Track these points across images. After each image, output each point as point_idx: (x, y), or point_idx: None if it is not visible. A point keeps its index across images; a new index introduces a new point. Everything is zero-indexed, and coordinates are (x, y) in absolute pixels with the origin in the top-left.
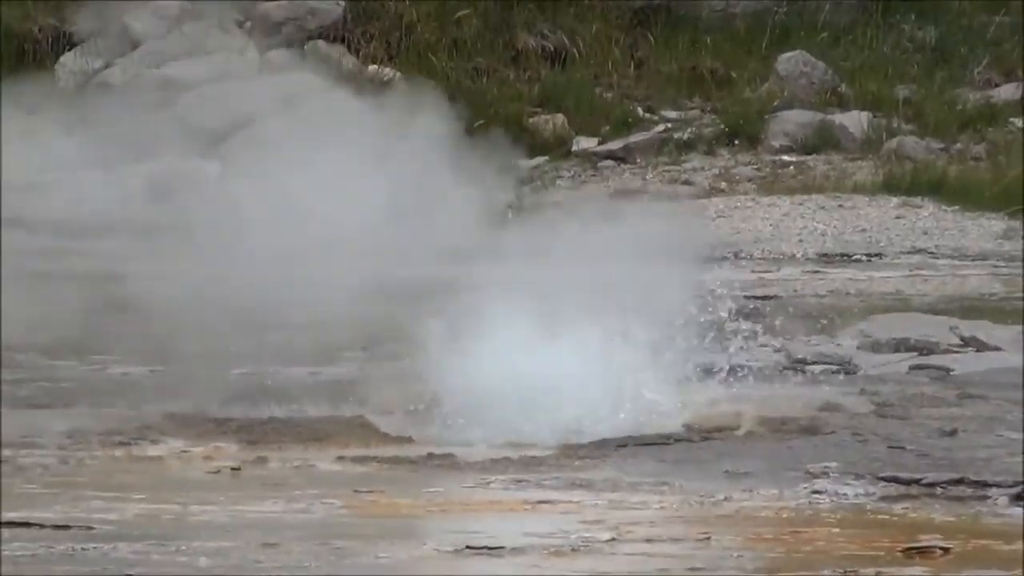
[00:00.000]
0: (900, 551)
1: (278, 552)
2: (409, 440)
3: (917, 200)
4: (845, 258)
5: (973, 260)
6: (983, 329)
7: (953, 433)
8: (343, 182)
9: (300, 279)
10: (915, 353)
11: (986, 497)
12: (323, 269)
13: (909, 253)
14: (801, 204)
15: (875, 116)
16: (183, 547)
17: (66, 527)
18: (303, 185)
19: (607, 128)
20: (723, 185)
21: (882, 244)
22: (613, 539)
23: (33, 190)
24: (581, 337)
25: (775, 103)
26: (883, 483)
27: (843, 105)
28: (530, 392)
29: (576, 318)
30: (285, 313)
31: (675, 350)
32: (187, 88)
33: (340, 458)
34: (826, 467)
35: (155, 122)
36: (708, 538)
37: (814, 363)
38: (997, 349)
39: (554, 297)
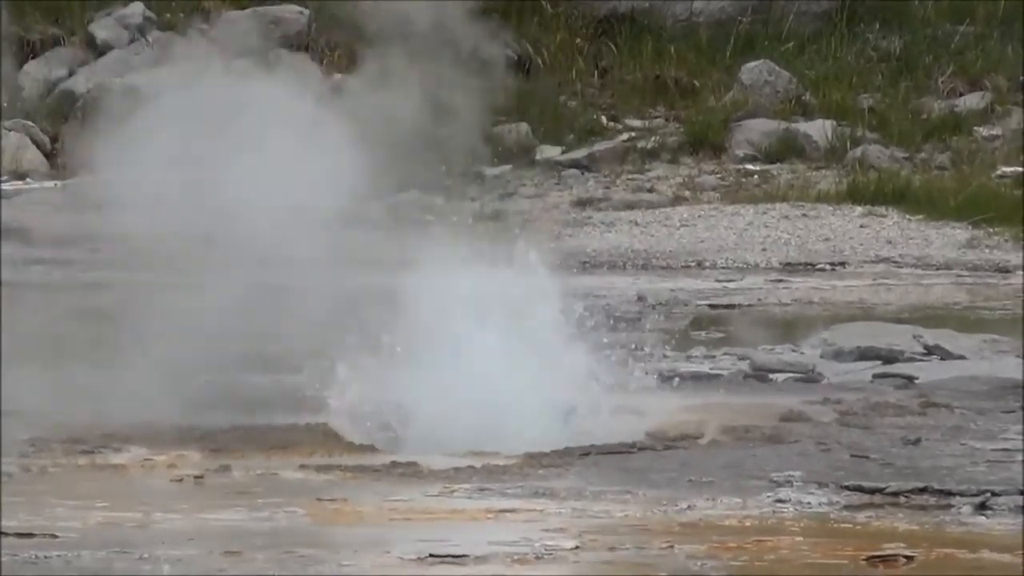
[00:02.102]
0: (864, 560)
1: (241, 560)
2: (372, 449)
3: (881, 209)
4: (809, 267)
5: (937, 269)
6: (947, 338)
7: (917, 442)
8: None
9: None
10: (879, 362)
11: (950, 506)
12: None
13: (873, 262)
14: (765, 213)
15: (839, 125)
16: (146, 555)
17: (29, 535)
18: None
19: (571, 137)
20: (687, 194)
21: (846, 253)
22: (577, 547)
23: None
24: (541, 344)
25: (739, 112)
26: (847, 492)
27: (807, 114)
28: (491, 401)
29: (539, 327)
30: (250, 321)
31: (637, 358)
32: (151, 97)
33: (303, 466)
34: (790, 476)
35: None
36: (671, 547)
37: (777, 372)
38: (961, 358)
39: (513, 306)
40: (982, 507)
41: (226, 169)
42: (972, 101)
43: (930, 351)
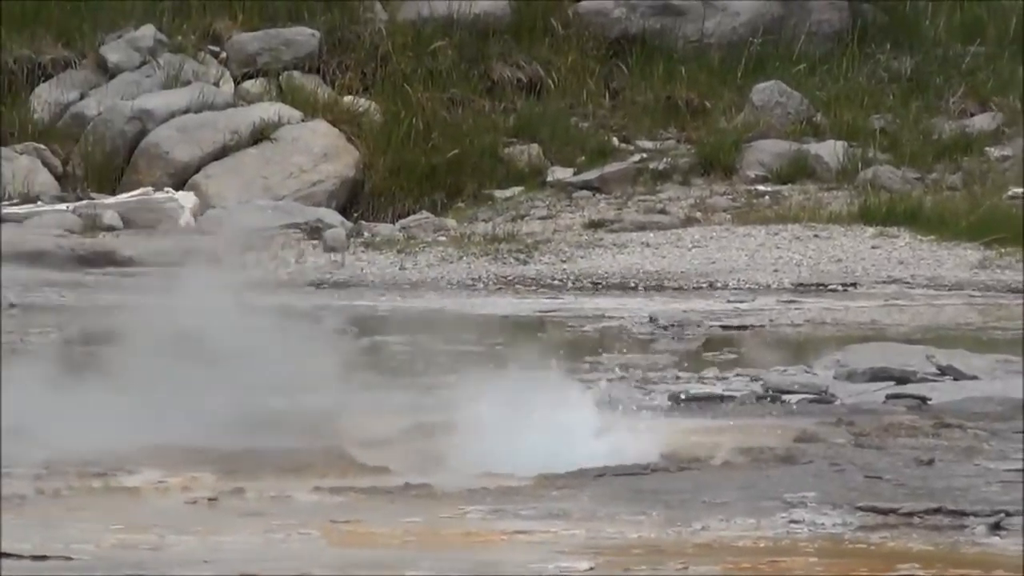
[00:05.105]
0: None
1: None
2: (386, 470)
3: (893, 230)
4: (821, 288)
5: (949, 290)
6: (960, 358)
7: (930, 463)
8: None
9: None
10: (892, 382)
11: (964, 526)
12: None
13: (885, 283)
14: (776, 234)
15: (851, 146)
16: None
17: (43, 557)
18: None
19: (582, 158)
20: (698, 215)
21: (858, 274)
22: (591, 569)
23: (8, 222)
24: (556, 366)
25: (750, 133)
26: (861, 512)
27: (819, 135)
28: (505, 422)
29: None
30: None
31: (650, 379)
32: (162, 119)
33: (317, 488)
34: (803, 497)
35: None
36: (686, 568)
37: (790, 393)
38: (974, 378)
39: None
40: (996, 527)
41: None
42: (983, 122)
43: (943, 372)
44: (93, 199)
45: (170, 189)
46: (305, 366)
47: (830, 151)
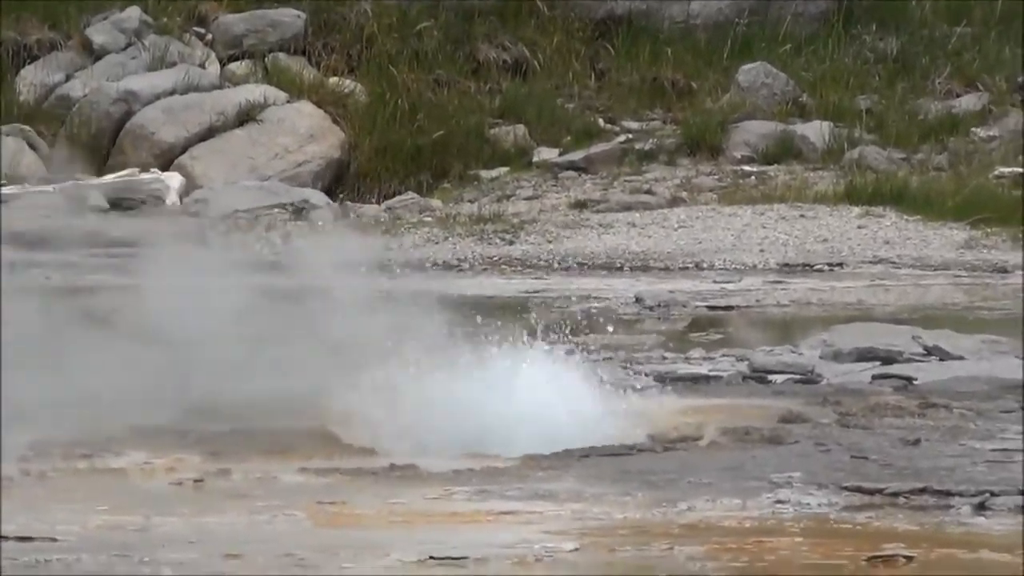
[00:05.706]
0: (864, 560)
1: (241, 563)
2: (371, 451)
3: (879, 210)
4: (807, 268)
5: (935, 270)
6: (946, 338)
7: (916, 443)
8: None
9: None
10: (878, 363)
11: (949, 506)
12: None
13: (871, 263)
14: (762, 214)
15: (836, 126)
16: (146, 558)
17: (29, 539)
18: None
19: (568, 139)
20: (684, 195)
21: (844, 254)
22: (576, 549)
23: None
24: (542, 346)
25: (736, 114)
26: (846, 492)
27: (804, 116)
28: (490, 402)
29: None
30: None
31: (636, 360)
32: (147, 100)
33: (303, 469)
34: (789, 477)
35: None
36: (671, 548)
37: (776, 373)
38: (960, 358)
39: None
40: (981, 507)
41: None
42: (969, 102)
43: (929, 352)
44: (79, 180)
45: (156, 170)
46: (289, 347)
47: (816, 131)
